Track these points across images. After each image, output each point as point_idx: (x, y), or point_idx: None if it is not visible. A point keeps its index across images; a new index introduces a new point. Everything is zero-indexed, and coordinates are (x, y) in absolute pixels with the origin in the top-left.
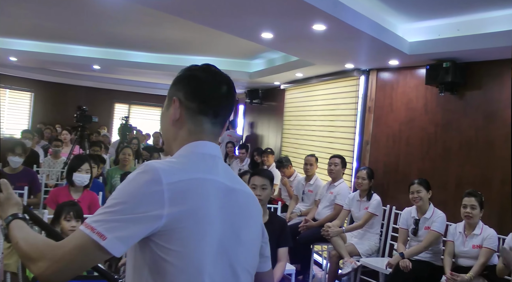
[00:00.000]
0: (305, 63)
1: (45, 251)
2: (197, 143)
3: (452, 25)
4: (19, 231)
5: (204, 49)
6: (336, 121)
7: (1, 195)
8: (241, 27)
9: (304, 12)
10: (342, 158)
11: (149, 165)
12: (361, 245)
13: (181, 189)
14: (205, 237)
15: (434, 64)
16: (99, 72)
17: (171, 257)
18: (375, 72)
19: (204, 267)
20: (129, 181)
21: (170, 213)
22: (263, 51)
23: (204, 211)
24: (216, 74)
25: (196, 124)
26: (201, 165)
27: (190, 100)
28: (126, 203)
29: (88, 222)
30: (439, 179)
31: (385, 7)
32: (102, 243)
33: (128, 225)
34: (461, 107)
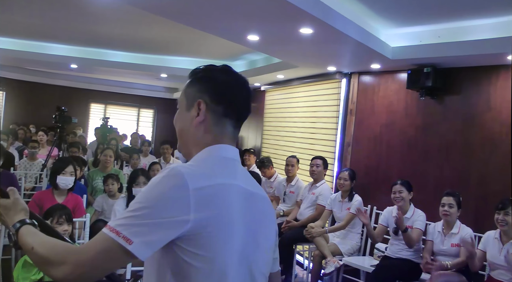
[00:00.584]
0: (288, 65)
1: (67, 255)
2: (218, 147)
3: (433, 32)
4: (32, 236)
5: (185, 49)
6: (317, 123)
7: (8, 201)
8: (228, 29)
9: (293, 15)
10: (324, 160)
11: (174, 169)
12: (343, 245)
13: (206, 194)
14: (229, 242)
15: (415, 69)
16: (75, 71)
17: (196, 261)
18: (357, 75)
19: (227, 271)
20: (154, 185)
21: (196, 218)
22: (245, 53)
23: (228, 216)
24: (238, 76)
25: (221, 127)
26: (223, 170)
27: (216, 102)
28: (151, 207)
29: (112, 226)
30: (418, 180)
31: (369, 12)
32: (129, 247)
33: (154, 229)
34: (441, 111)
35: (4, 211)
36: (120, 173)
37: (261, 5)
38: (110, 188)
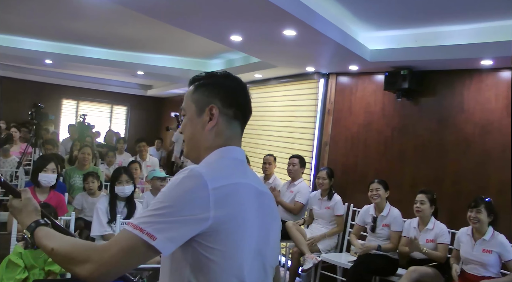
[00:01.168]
0: (267, 65)
1: (91, 253)
2: (228, 149)
3: (410, 36)
4: (49, 238)
5: (162, 47)
6: (295, 122)
7: (19, 202)
8: (211, 29)
9: (277, 17)
10: (301, 158)
11: (194, 170)
12: (322, 241)
13: (224, 193)
14: (246, 238)
15: (392, 71)
16: (48, 66)
17: (215, 256)
18: (335, 76)
19: (244, 265)
20: (175, 185)
21: (215, 216)
22: (222, 52)
23: (244, 214)
24: (240, 81)
25: (231, 129)
26: (236, 170)
27: (226, 107)
28: (173, 206)
29: (136, 224)
30: (395, 179)
31: (349, 15)
32: (153, 243)
33: (177, 226)
34: (417, 112)
35: (15, 212)
36: (98, 171)
37: (246, 6)
38: (91, 186)
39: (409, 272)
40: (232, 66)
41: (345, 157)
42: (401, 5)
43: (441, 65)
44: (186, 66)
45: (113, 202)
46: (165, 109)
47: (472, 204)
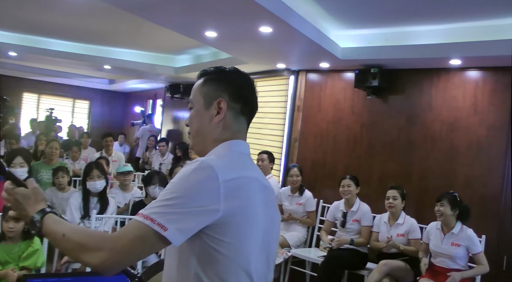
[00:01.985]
0: (236, 62)
1: (103, 242)
2: (235, 142)
3: (381, 35)
4: (60, 224)
5: (129, 41)
6: (264, 119)
7: (28, 190)
8: (186, 24)
9: (253, 13)
10: (270, 154)
11: (205, 162)
12: (290, 237)
13: (234, 186)
14: (253, 231)
15: (362, 69)
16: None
17: (223, 248)
18: (304, 73)
19: (250, 258)
20: (186, 176)
21: (225, 208)
22: (190, 47)
23: (252, 207)
24: (249, 77)
25: (237, 124)
26: (243, 164)
27: (234, 101)
28: (184, 197)
29: (146, 214)
30: (364, 175)
31: (322, 12)
32: (164, 233)
33: (188, 217)
34: (385, 109)
35: (24, 200)
36: (67, 166)
37: (224, 2)
38: (60, 181)
39: (380, 265)
40: (200, 62)
41: (314, 153)
42: (372, 5)
43: (410, 64)
44: (153, 61)
45: (86, 198)
46: (129, 103)
47: (438, 198)
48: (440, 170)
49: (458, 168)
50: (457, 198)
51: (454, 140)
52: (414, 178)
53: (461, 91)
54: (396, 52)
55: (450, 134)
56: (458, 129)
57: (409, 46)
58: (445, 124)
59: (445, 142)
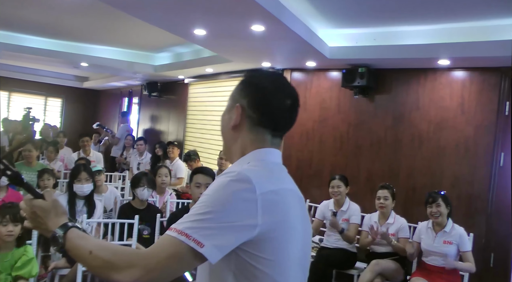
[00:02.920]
0: (220, 60)
1: (136, 259)
2: (266, 151)
3: (369, 35)
4: (85, 240)
5: (107, 38)
6: None
7: (47, 203)
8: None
9: (247, 11)
10: None
11: (241, 174)
12: None
13: (271, 199)
14: (292, 246)
15: (350, 68)
16: None
17: (262, 265)
18: (289, 72)
19: (290, 274)
20: (221, 188)
21: (263, 222)
22: (170, 45)
23: (290, 221)
24: (284, 87)
25: (255, 134)
26: (279, 175)
27: (252, 109)
28: (220, 211)
29: (180, 229)
30: (351, 174)
31: (313, 11)
32: (200, 250)
33: (224, 233)
34: (373, 109)
35: (44, 214)
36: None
37: None
38: (46, 184)
39: (372, 265)
40: (180, 60)
41: (300, 152)
42: (361, 4)
43: (398, 63)
44: (132, 59)
45: (72, 201)
46: (103, 101)
47: (430, 200)
48: (427, 169)
49: (445, 167)
50: (447, 196)
51: (441, 139)
52: (402, 177)
53: (448, 91)
54: (384, 52)
55: (438, 134)
56: (445, 128)
57: (397, 46)
58: (432, 123)
59: (432, 141)
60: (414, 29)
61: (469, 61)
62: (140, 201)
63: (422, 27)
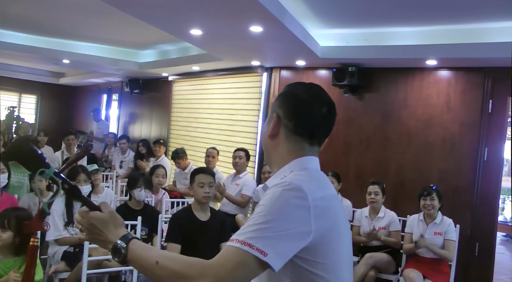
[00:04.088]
0: (208, 58)
1: (204, 269)
2: (306, 159)
3: (360, 35)
4: (150, 251)
5: (90, 34)
6: (236, 115)
7: (105, 215)
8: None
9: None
10: (246, 151)
11: (293, 183)
12: None
13: (322, 205)
14: (341, 248)
15: (340, 67)
16: None
17: (318, 270)
18: (278, 70)
19: (342, 275)
20: (276, 198)
21: (316, 228)
22: (156, 42)
23: (338, 225)
24: (319, 95)
25: (292, 142)
26: (324, 181)
27: (288, 118)
28: (277, 220)
29: (242, 239)
30: (341, 171)
31: (307, 10)
32: (265, 259)
33: (284, 241)
34: (362, 107)
35: (102, 226)
36: None
37: None
38: (39, 185)
39: (365, 258)
40: (166, 57)
41: None
42: (353, 5)
43: (387, 63)
44: (116, 56)
45: (69, 204)
46: (80, 98)
47: (425, 193)
48: (415, 164)
49: (432, 163)
50: (439, 191)
51: (429, 136)
52: (391, 173)
53: (435, 90)
54: (374, 52)
55: (425, 131)
56: (432, 125)
57: (387, 46)
58: (420, 121)
59: (420, 138)
60: (403, 31)
61: (455, 62)
62: (137, 201)
63: (411, 29)
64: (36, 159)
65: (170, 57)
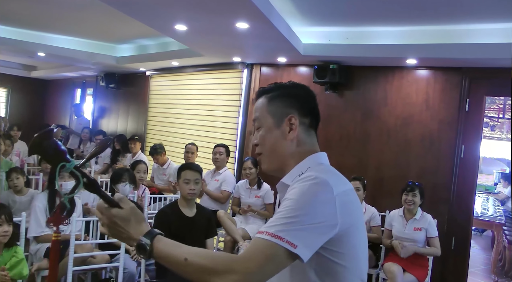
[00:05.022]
0: (188, 54)
1: (234, 264)
2: (319, 155)
3: (342, 33)
4: (177, 247)
5: (66, 27)
6: (216, 111)
7: (126, 211)
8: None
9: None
10: (227, 147)
11: (320, 177)
12: (251, 229)
13: (345, 199)
14: (361, 239)
15: (322, 65)
16: None
17: (341, 260)
18: (259, 67)
19: (363, 266)
20: (304, 192)
21: (341, 221)
22: (134, 37)
23: (358, 217)
24: (309, 90)
25: (310, 137)
26: (342, 176)
27: (303, 116)
28: (306, 213)
29: (272, 232)
30: None
31: (292, 8)
32: (294, 250)
33: (312, 233)
34: (342, 104)
35: (124, 222)
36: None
37: None
38: (16, 183)
39: None
40: (144, 52)
41: None
42: (336, 4)
43: (368, 61)
44: (93, 50)
45: (52, 200)
46: (53, 92)
47: (408, 188)
48: (395, 161)
49: (411, 160)
50: (423, 188)
51: (408, 133)
52: (370, 169)
53: (414, 88)
54: (356, 50)
55: (404, 128)
56: (412, 123)
57: (368, 45)
58: (399, 118)
59: (399, 135)
60: (384, 30)
61: (434, 61)
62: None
63: (392, 28)
64: (58, 153)
65: (149, 52)
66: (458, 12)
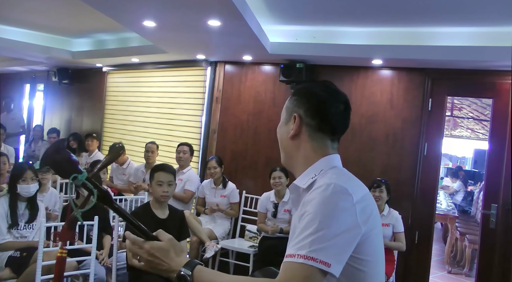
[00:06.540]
0: (149, 50)
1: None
2: (332, 157)
3: (309, 32)
4: (218, 276)
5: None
6: (178, 109)
7: (165, 243)
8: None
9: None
10: (190, 146)
11: (337, 185)
12: (217, 229)
13: (364, 205)
14: (379, 243)
15: (288, 63)
16: None
17: (364, 266)
18: (223, 64)
19: (378, 270)
20: (325, 203)
21: (364, 229)
22: (91, 31)
23: (376, 221)
24: (335, 93)
25: (317, 140)
26: (357, 180)
27: (310, 117)
28: (330, 226)
29: (304, 254)
30: None
31: (261, 6)
32: (329, 270)
33: (340, 247)
34: None
35: (163, 254)
36: None
37: None
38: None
39: None
40: (103, 47)
41: (234, 144)
42: (303, 2)
43: (334, 61)
44: (47, 43)
45: (13, 204)
46: None
47: (374, 185)
48: (360, 158)
49: (376, 157)
50: (389, 184)
51: (372, 131)
52: None
53: (379, 88)
54: (323, 50)
55: (369, 126)
56: (376, 122)
57: (335, 44)
58: (364, 117)
59: (364, 133)
60: (351, 30)
61: (399, 62)
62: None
63: (359, 29)
64: (70, 164)
65: (107, 47)
66: (423, 15)
